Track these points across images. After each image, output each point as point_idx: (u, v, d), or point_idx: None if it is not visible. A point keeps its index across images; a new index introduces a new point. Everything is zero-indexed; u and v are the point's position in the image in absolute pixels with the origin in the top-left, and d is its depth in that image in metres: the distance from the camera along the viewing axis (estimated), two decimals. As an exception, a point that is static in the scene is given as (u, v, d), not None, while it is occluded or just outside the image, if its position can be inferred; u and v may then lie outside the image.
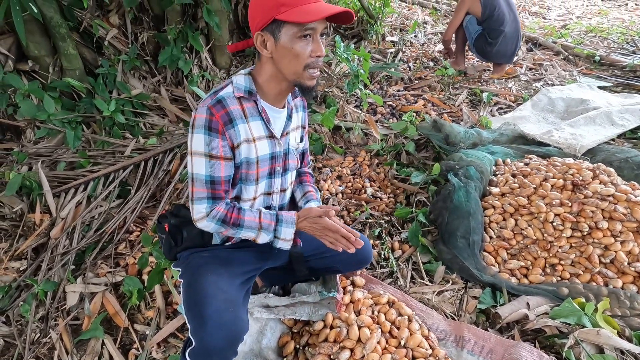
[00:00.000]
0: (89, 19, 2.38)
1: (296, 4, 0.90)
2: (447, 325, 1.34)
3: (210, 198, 1.03)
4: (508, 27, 3.02)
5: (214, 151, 0.99)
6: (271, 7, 0.91)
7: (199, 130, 0.98)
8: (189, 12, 2.67)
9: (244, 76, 1.03)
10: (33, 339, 1.43)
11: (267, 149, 1.08)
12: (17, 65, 2.29)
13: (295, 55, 0.94)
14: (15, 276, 1.64)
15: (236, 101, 1.01)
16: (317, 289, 1.38)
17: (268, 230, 1.07)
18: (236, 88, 1.01)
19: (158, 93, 2.67)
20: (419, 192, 1.99)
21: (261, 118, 1.04)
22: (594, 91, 2.90)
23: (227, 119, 0.98)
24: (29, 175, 1.92)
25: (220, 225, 1.04)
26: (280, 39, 0.94)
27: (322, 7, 0.92)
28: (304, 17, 0.89)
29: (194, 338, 0.97)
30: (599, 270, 1.45)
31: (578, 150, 2.03)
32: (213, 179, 1.01)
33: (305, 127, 1.25)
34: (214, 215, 1.03)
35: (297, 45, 0.94)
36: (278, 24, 0.92)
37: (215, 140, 0.98)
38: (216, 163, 1.00)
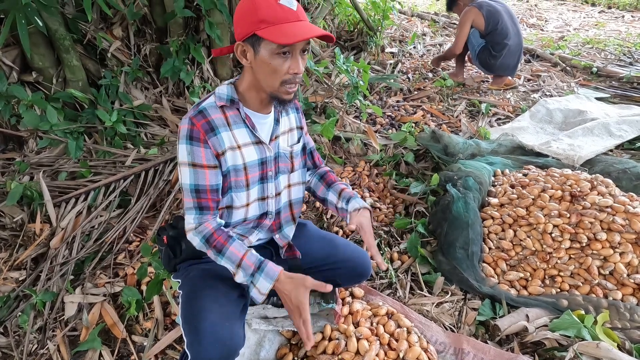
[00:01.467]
0: (92, 31, 2.43)
1: (276, 22, 0.91)
2: (446, 338, 1.34)
3: (197, 208, 1.03)
4: (511, 40, 3.05)
5: (197, 160, 1.00)
6: (252, 22, 0.91)
7: (182, 140, 1.00)
8: (191, 25, 2.72)
9: (226, 86, 1.05)
10: (30, 350, 1.42)
11: (255, 155, 1.08)
12: (21, 76, 2.33)
13: (273, 71, 0.96)
14: (14, 286, 1.63)
15: (218, 110, 1.03)
16: (315, 300, 1.38)
17: (246, 272, 1.02)
18: (218, 97, 1.03)
19: (159, 104, 2.70)
20: (418, 203, 2.00)
21: (245, 125, 1.06)
22: (592, 102, 2.92)
23: (207, 127, 1.00)
24: (30, 185, 1.93)
25: (203, 244, 1.03)
26: (259, 53, 0.95)
27: (301, 30, 0.92)
28: (281, 38, 0.90)
29: (189, 352, 0.97)
30: (599, 282, 1.45)
31: (576, 161, 2.04)
32: (198, 187, 1.02)
33: (302, 128, 1.24)
34: (200, 230, 1.03)
35: (274, 61, 0.94)
36: (257, 38, 0.93)
37: (197, 149, 1.00)
38: (200, 172, 1.01)
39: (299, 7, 0.95)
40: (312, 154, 1.31)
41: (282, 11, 0.91)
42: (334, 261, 1.26)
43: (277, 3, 0.91)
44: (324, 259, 1.26)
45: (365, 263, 1.30)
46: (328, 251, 1.28)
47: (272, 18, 0.90)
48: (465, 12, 3.10)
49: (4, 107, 2.19)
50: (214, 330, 0.96)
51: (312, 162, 1.32)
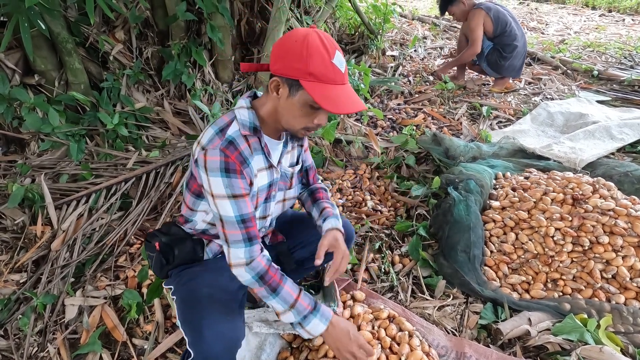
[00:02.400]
0: (95, 34, 2.44)
1: (324, 80, 0.90)
2: (448, 341, 1.33)
3: (247, 239, 1.01)
4: (519, 42, 3.09)
5: (237, 191, 0.98)
6: (300, 69, 0.90)
7: (215, 173, 0.95)
8: (193, 28, 2.73)
9: (247, 110, 1.02)
10: (31, 353, 1.42)
11: (266, 179, 1.09)
12: (23, 79, 2.34)
13: (298, 116, 0.96)
14: (14, 289, 1.63)
15: (243, 139, 1.00)
16: (316, 303, 1.37)
17: (298, 313, 1.03)
18: (242, 125, 1.00)
19: (161, 106, 2.70)
20: (419, 206, 1.99)
21: (263, 152, 1.06)
22: (593, 105, 2.92)
23: (241, 159, 0.98)
24: (32, 187, 1.93)
25: (256, 281, 1.01)
26: (293, 96, 0.94)
27: (347, 101, 0.91)
28: (327, 104, 0.89)
29: (192, 350, 0.98)
30: (601, 286, 1.44)
31: (578, 164, 2.03)
32: (243, 217, 0.99)
33: (303, 146, 1.25)
34: (254, 267, 1.01)
35: (305, 110, 0.94)
36: (299, 84, 0.91)
37: (235, 180, 0.97)
38: (241, 201, 0.99)
39: (346, 67, 0.95)
40: (308, 172, 1.32)
41: (332, 71, 0.90)
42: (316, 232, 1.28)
43: (330, 61, 0.90)
44: (307, 235, 1.31)
45: (347, 227, 1.33)
46: (309, 227, 1.30)
47: (322, 75, 0.90)
48: (474, 14, 3.09)
49: (6, 109, 2.20)
50: (215, 325, 0.98)
51: (306, 180, 1.33)
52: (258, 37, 3.12)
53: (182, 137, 2.57)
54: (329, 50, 0.90)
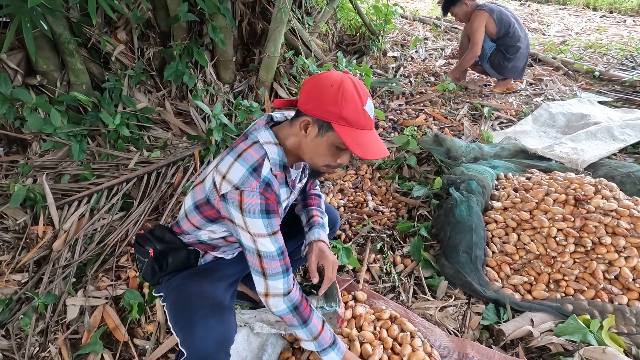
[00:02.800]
0: (97, 35, 2.44)
1: (355, 126, 0.93)
2: (450, 342, 1.33)
3: (285, 271, 1.03)
4: (522, 43, 3.09)
5: (275, 228, 1.01)
6: (333, 113, 0.92)
7: (255, 215, 0.96)
8: (195, 29, 2.73)
9: (276, 147, 1.02)
10: (32, 353, 1.41)
11: (286, 203, 1.13)
12: (25, 79, 2.34)
13: (324, 155, 0.99)
14: (16, 289, 1.63)
15: (275, 179, 1.01)
16: (318, 304, 1.37)
17: (319, 345, 1.10)
18: (273, 164, 1.01)
19: (163, 107, 2.70)
20: (420, 206, 1.99)
21: (287, 185, 1.08)
22: (595, 106, 2.92)
23: (278, 199, 1.02)
24: (34, 187, 1.94)
25: (290, 312, 1.05)
26: (322, 136, 0.96)
27: (375, 147, 0.95)
28: (354, 147, 0.92)
29: (184, 349, 0.98)
30: (604, 287, 1.43)
31: (579, 164, 2.03)
32: (282, 249, 1.03)
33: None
34: (291, 298, 1.05)
35: (331, 150, 0.98)
36: (329, 126, 0.94)
37: (274, 220, 1.00)
38: (278, 236, 1.02)
39: (374, 115, 0.99)
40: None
41: (364, 118, 0.94)
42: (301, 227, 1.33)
43: (362, 108, 0.93)
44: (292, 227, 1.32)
45: (330, 212, 1.39)
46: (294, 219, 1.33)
47: (354, 121, 0.93)
48: (476, 15, 3.07)
49: (8, 110, 2.20)
50: (206, 321, 0.99)
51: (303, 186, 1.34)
52: (259, 37, 3.12)
53: (184, 137, 2.58)
54: (362, 98, 0.94)
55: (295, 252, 1.36)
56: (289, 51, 3.00)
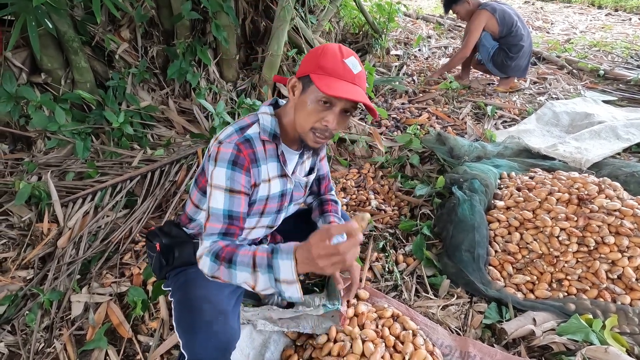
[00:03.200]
0: (101, 33, 2.45)
1: (331, 73, 0.93)
2: (452, 341, 1.33)
3: (222, 234, 0.99)
4: (525, 41, 3.08)
5: (236, 186, 0.98)
6: (312, 65, 0.95)
7: (222, 164, 0.97)
8: (198, 27, 2.74)
9: (270, 117, 1.04)
10: (37, 348, 1.43)
11: (278, 187, 1.10)
12: (30, 77, 2.36)
13: (308, 113, 0.97)
14: (21, 285, 1.65)
15: (260, 143, 1.03)
16: (320, 302, 1.38)
17: (262, 267, 0.87)
18: (262, 129, 1.03)
19: (166, 105, 2.72)
20: (423, 205, 1.99)
21: (278, 160, 1.07)
22: (599, 105, 2.90)
23: (253, 158, 1.01)
24: (38, 185, 1.95)
25: (213, 262, 0.93)
26: (305, 93, 0.98)
27: (348, 89, 0.93)
28: (326, 88, 0.91)
29: (186, 352, 0.98)
30: (607, 286, 1.43)
31: (583, 164, 2.02)
32: (232, 213, 0.99)
33: (319, 154, 1.26)
34: (211, 248, 0.96)
35: (313, 105, 0.96)
36: (310, 80, 0.96)
37: (239, 175, 0.98)
38: (236, 198, 0.99)
39: (360, 74, 0.97)
40: (320, 181, 1.32)
41: (342, 69, 0.94)
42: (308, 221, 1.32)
43: (342, 60, 0.94)
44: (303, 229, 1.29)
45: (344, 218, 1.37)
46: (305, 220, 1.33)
47: (331, 70, 0.93)
48: (477, 15, 3.05)
49: (13, 107, 2.22)
50: (208, 326, 0.97)
51: (317, 188, 1.33)
52: (262, 36, 3.12)
53: (187, 135, 2.59)
54: (343, 53, 0.96)
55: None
56: (292, 49, 3.00)
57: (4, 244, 1.85)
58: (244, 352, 1.29)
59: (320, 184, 1.32)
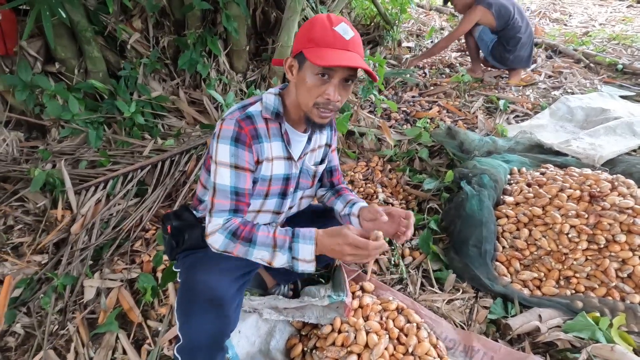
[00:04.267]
0: (113, 23, 2.47)
1: (323, 44, 0.92)
2: (457, 335, 1.33)
3: (232, 210, 1.01)
4: (523, 33, 3.05)
5: (240, 162, 0.99)
6: (303, 40, 0.95)
7: (224, 141, 0.98)
8: (209, 18, 2.74)
9: (274, 96, 1.05)
10: (52, 330, 1.48)
11: (282, 169, 1.09)
12: (44, 67, 2.40)
13: (308, 89, 0.96)
14: (37, 269, 1.70)
15: (262, 120, 1.04)
16: (326, 292, 1.40)
17: (283, 248, 0.95)
18: (265, 107, 1.03)
19: (176, 95, 2.74)
20: (431, 199, 1.98)
21: (282, 139, 1.07)
22: (616, 100, 2.83)
23: (254, 134, 1.01)
24: (53, 172, 2.00)
25: (230, 240, 0.98)
26: (301, 70, 0.97)
27: (343, 57, 0.91)
28: (319, 60, 0.90)
29: (181, 335, 1.00)
30: (616, 285, 1.41)
31: (597, 160, 1.98)
32: (237, 190, 1.00)
33: (330, 146, 1.25)
34: (227, 226, 0.99)
35: (312, 80, 0.95)
36: (304, 56, 0.95)
37: (242, 152, 0.99)
38: (242, 174, 1.00)
39: (354, 39, 0.94)
40: (332, 173, 1.30)
41: (332, 37, 0.92)
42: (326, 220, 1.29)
43: (331, 28, 0.92)
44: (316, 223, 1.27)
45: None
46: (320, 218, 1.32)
47: (321, 40, 0.92)
48: (471, 11, 3.05)
49: (28, 96, 2.26)
50: (203, 312, 0.98)
51: (329, 181, 1.32)
52: (273, 26, 3.11)
53: (197, 126, 2.61)
54: (332, 21, 0.93)
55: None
56: (302, 41, 2.98)
57: (20, 229, 1.91)
58: (250, 340, 1.31)
59: (332, 175, 1.31)
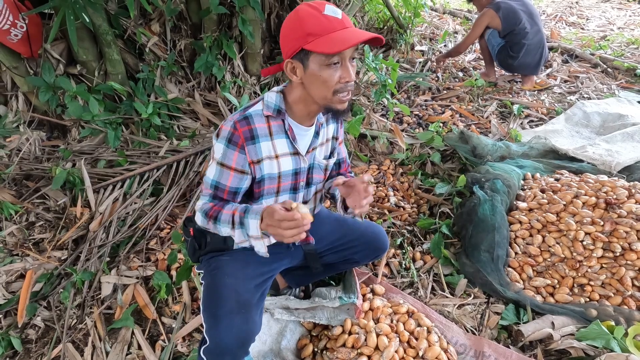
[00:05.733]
0: (133, 26, 2.54)
1: (323, 32, 0.91)
2: (467, 340, 1.33)
3: (211, 197, 1.09)
4: (530, 39, 3.02)
5: (227, 162, 1.04)
6: (299, 37, 0.92)
7: (220, 140, 1.04)
8: (225, 21, 2.79)
9: (275, 94, 1.06)
10: (70, 324, 1.53)
11: (290, 165, 1.11)
12: (66, 69, 2.48)
13: (324, 82, 0.96)
14: (56, 264, 1.76)
15: (263, 119, 1.04)
16: (337, 294, 1.41)
17: (237, 224, 0.99)
18: (266, 106, 1.04)
19: (192, 97, 2.79)
20: (442, 204, 1.98)
21: (287, 136, 1.07)
22: (634, 106, 2.78)
23: (249, 135, 1.03)
24: (73, 171, 2.06)
25: (203, 217, 1.06)
26: (308, 67, 0.95)
27: (350, 35, 0.91)
28: (330, 47, 0.89)
29: (208, 337, 1.02)
30: (632, 294, 1.39)
31: (613, 167, 1.95)
32: (218, 185, 1.07)
33: (337, 138, 1.26)
34: (202, 207, 1.08)
35: (325, 72, 0.94)
36: (306, 52, 0.93)
37: (232, 152, 1.03)
38: (225, 172, 1.05)
39: (344, 15, 0.95)
40: (340, 165, 1.31)
41: (327, 21, 0.91)
42: (348, 240, 1.31)
43: (321, 14, 0.91)
44: (338, 239, 1.32)
45: (380, 236, 1.34)
46: (341, 231, 1.32)
47: (319, 29, 0.91)
48: (482, 14, 3.09)
49: (51, 97, 2.34)
50: (231, 316, 1.02)
51: (336, 172, 1.32)
52: (287, 30, 3.14)
53: (211, 127, 2.66)
54: (317, 8, 0.92)
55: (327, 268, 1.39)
56: (316, 44, 3.00)
57: (41, 226, 1.98)
58: (261, 339, 1.34)
59: (340, 167, 1.32)
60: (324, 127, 1.19)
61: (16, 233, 1.92)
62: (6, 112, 2.51)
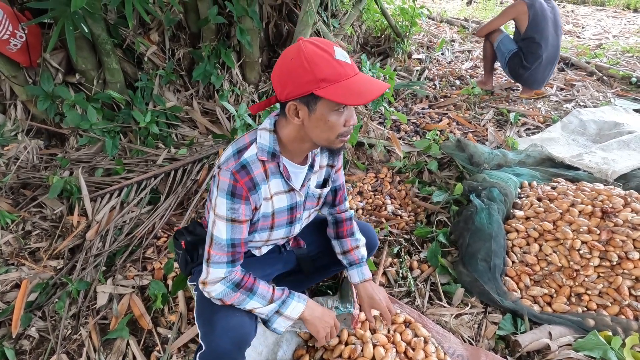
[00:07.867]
0: (131, 36, 2.56)
1: (337, 79, 0.86)
2: (464, 350, 1.32)
3: (230, 262, 1.02)
4: (547, 52, 2.94)
5: (237, 216, 0.99)
6: (310, 81, 0.86)
7: (222, 194, 0.97)
8: (223, 31, 2.81)
9: (269, 134, 1.00)
10: (65, 334, 1.52)
11: (285, 202, 1.08)
12: (65, 77, 2.49)
13: (330, 127, 0.92)
14: (52, 274, 1.75)
15: (259, 163, 0.99)
16: (333, 304, 1.40)
17: (277, 301, 1.06)
18: (260, 149, 0.99)
19: (190, 106, 2.81)
20: (440, 212, 1.98)
21: (281, 176, 1.04)
22: (629, 114, 2.80)
23: (251, 185, 0.98)
24: (70, 180, 2.06)
25: (232, 290, 1.02)
26: (314, 111, 0.90)
27: (367, 87, 0.88)
28: (346, 98, 0.86)
29: (203, 342, 1.03)
30: (629, 303, 1.39)
31: (609, 175, 1.96)
32: (234, 242, 1.01)
33: (334, 166, 1.21)
34: (230, 278, 1.03)
35: (332, 117, 0.91)
36: (314, 97, 0.88)
37: (239, 206, 0.98)
38: (238, 227, 1.00)
39: (352, 60, 0.92)
40: (337, 192, 1.29)
41: (341, 67, 0.87)
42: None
43: (334, 59, 0.87)
44: (330, 243, 1.33)
45: (370, 234, 1.36)
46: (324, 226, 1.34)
47: (333, 76, 0.86)
48: (513, 4, 2.96)
49: (49, 106, 2.35)
50: (226, 320, 1.02)
51: (332, 198, 1.30)
52: (285, 39, 3.17)
53: (209, 136, 2.66)
54: (327, 51, 0.87)
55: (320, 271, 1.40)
56: (314, 53, 3.02)
57: (37, 235, 1.97)
58: (257, 350, 1.33)
59: (337, 194, 1.30)
60: (318, 156, 1.15)
61: (12, 242, 1.91)
62: (4, 120, 2.52)
